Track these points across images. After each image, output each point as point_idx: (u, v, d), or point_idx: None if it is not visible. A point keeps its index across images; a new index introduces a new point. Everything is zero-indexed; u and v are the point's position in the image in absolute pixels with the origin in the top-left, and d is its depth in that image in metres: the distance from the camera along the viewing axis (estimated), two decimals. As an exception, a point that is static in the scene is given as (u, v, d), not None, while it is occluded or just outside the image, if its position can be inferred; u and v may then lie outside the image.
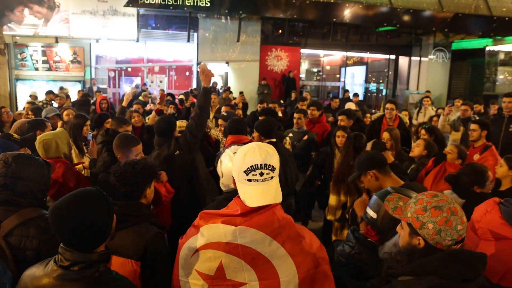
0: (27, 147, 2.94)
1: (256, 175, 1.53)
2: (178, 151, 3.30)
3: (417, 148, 4.11)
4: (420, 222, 1.38)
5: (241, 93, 12.44)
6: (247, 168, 1.53)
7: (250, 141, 3.22)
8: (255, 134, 3.67)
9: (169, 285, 1.75)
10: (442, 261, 1.29)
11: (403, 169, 3.74)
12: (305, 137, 5.11)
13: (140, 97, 9.54)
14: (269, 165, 1.54)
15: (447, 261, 1.28)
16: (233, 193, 1.78)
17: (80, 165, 3.66)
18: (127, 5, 12.58)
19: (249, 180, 1.54)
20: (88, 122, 4.26)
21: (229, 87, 14.03)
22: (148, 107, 8.22)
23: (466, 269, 1.28)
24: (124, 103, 5.56)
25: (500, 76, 16.30)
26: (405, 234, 1.45)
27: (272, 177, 1.56)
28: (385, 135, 4.42)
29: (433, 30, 15.73)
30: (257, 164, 1.53)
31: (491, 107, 8.02)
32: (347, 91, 14.26)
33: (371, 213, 1.94)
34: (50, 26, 12.98)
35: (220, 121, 4.59)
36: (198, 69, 3.71)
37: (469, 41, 15.89)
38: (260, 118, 4.57)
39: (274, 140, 3.71)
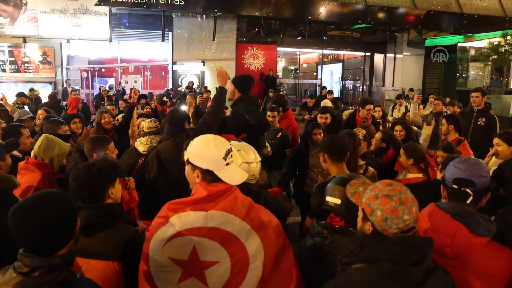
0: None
1: (230, 157, 1.75)
2: None
3: (374, 141, 4.21)
4: (371, 209, 1.45)
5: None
6: (225, 154, 1.72)
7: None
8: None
9: None
10: (392, 247, 1.35)
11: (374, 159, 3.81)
12: (279, 135, 5.07)
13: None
14: (230, 148, 1.78)
15: (398, 247, 1.34)
16: None
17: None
18: (98, 3, 12.28)
19: (227, 164, 1.73)
20: (66, 127, 4.17)
21: (206, 87, 13.86)
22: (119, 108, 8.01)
23: (414, 253, 1.34)
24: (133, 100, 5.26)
25: (472, 72, 16.72)
26: (360, 218, 1.53)
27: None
28: (362, 131, 4.40)
29: (406, 27, 16.02)
30: (228, 149, 1.75)
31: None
32: (324, 88, 14.30)
33: (334, 200, 1.96)
34: (17, 25, 12.56)
35: None
36: (216, 71, 3.80)
37: (441, 38, 16.24)
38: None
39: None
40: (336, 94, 18.13)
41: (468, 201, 1.74)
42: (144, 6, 12.58)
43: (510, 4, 15.48)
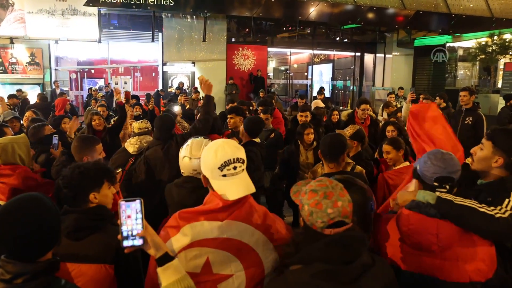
0: None
1: (230, 169, 1.59)
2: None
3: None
4: (301, 204, 1.48)
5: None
6: (221, 164, 1.59)
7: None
8: (242, 130, 3.95)
9: (142, 284, 1.73)
10: (325, 247, 1.36)
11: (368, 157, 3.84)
12: (272, 135, 5.09)
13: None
14: (240, 158, 1.62)
15: (329, 247, 1.35)
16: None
17: None
18: (87, 4, 12.17)
19: (224, 175, 1.59)
20: (49, 128, 4.11)
21: (196, 88, 13.80)
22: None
23: (347, 252, 1.35)
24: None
25: (460, 72, 16.93)
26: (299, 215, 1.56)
27: (243, 169, 1.64)
28: (349, 131, 4.43)
29: (396, 27, 16.15)
30: (230, 159, 1.59)
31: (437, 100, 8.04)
32: (322, 88, 14.11)
33: None
34: (4, 26, 12.38)
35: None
36: (198, 80, 3.84)
37: (430, 38, 16.41)
38: (228, 116, 4.70)
39: (258, 141, 3.96)
40: (327, 94, 18.21)
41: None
42: (134, 7, 12.50)
43: (496, 5, 15.71)
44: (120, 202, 1.40)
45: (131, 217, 1.39)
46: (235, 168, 1.59)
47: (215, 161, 1.59)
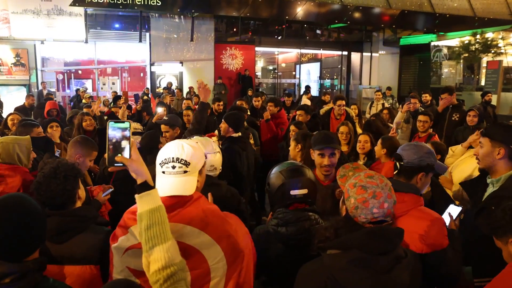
0: None
1: (169, 168, 1.60)
2: None
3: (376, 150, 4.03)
4: (348, 195, 1.54)
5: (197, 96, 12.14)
6: (161, 161, 1.61)
7: None
8: (223, 125, 3.75)
9: None
10: (364, 236, 1.43)
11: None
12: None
13: (84, 100, 9.24)
14: (182, 159, 1.60)
15: (369, 237, 1.42)
16: None
17: None
18: (73, 4, 12.05)
19: (163, 172, 1.61)
20: (40, 129, 4.06)
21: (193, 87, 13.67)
22: (101, 109, 7.88)
23: (384, 243, 1.42)
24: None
25: (445, 70, 17.22)
26: (341, 200, 1.64)
27: (185, 171, 1.60)
28: (344, 129, 4.47)
29: (382, 26, 16.35)
30: (169, 157, 1.60)
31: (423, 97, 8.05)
32: (308, 87, 14.20)
33: (301, 191, 1.99)
34: (-12, 26, 12.17)
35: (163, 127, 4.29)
36: (197, 82, 3.69)
37: (415, 37, 16.66)
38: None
39: (239, 134, 3.81)
40: (315, 93, 18.34)
41: (394, 172, 2.03)
42: (121, 7, 12.41)
43: (478, 4, 16.03)
44: (109, 122, 1.41)
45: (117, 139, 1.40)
46: (173, 167, 1.59)
47: (159, 157, 1.63)
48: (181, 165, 1.59)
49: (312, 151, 2.85)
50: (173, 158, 1.59)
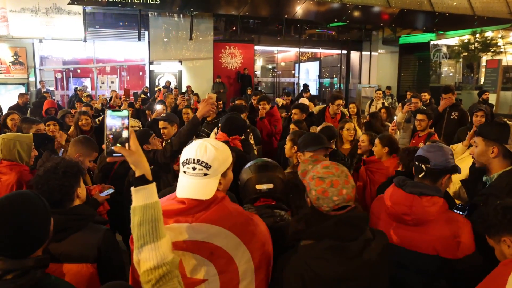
0: None
1: (190, 168, 1.57)
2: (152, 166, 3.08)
3: (361, 145, 4.12)
4: (309, 188, 1.61)
5: (195, 94, 12.06)
6: (184, 160, 1.59)
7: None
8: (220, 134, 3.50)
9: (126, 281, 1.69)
10: (334, 225, 1.53)
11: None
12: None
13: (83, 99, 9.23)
14: (203, 161, 1.55)
15: (338, 226, 1.52)
16: None
17: None
18: (71, 3, 12.03)
19: (184, 172, 1.59)
20: (42, 126, 4.09)
21: (190, 87, 13.61)
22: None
23: (353, 229, 1.54)
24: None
25: (444, 69, 17.21)
26: (305, 193, 1.68)
27: (205, 174, 1.55)
28: (350, 125, 4.54)
29: (381, 25, 16.33)
30: (190, 159, 1.57)
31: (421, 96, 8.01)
32: (307, 85, 14.16)
33: (266, 186, 2.04)
34: (-14, 25, 12.14)
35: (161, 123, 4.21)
36: (208, 95, 3.30)
37: (414, 36, 16.64)
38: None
39: (242, 137, 3.62)
40: (314, 92, 18.32)
41: (420, 175, 2.03)
42: (119, 6, 12.39)
43: (478, 3, 16.02)
44: (106, 111, 1.33)
45: (116, 129, 1.32)
46: (194, 169, 1.55)
47: (183, 155, 1.60)
48: (202, 168, 1.55)
49: (301, 154, 2.78)
50: (194, 159, 1.55)
